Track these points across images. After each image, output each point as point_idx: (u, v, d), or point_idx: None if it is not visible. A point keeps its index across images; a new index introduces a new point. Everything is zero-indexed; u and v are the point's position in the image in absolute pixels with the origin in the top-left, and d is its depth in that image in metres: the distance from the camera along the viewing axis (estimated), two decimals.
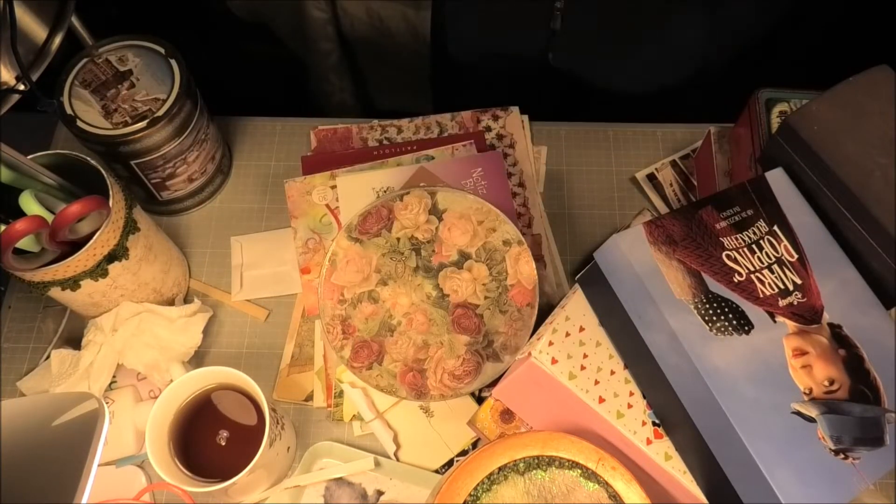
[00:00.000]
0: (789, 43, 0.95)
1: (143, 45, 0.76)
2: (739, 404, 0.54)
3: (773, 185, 0.63)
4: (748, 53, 0.92)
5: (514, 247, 0.73)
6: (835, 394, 0.55)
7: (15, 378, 0.76)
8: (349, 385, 0.73)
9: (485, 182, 0.80)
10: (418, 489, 0.70)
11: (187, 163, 0.78)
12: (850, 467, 0.54)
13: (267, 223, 0.84)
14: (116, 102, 0.73)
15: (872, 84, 0.64)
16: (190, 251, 0.83)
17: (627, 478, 0.56)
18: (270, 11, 0.94)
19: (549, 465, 0.57)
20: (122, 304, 0.72)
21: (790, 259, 0.60)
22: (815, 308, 0.58)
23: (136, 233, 0.69)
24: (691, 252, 0.59)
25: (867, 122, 0.62)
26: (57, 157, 0.66)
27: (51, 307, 0.79)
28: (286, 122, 0.90)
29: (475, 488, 0.56)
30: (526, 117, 0.87)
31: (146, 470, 0.72)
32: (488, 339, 0.71)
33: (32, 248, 0.63)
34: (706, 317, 0.56)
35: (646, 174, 0.85)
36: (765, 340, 0.56)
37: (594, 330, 0.63)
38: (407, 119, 0.87)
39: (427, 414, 0.73)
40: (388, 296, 0.72)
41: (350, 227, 0.74)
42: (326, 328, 0.71)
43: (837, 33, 0.94)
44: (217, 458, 0.66)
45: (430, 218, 0.74)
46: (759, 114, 0.70)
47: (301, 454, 0.71)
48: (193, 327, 0.73)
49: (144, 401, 0.74)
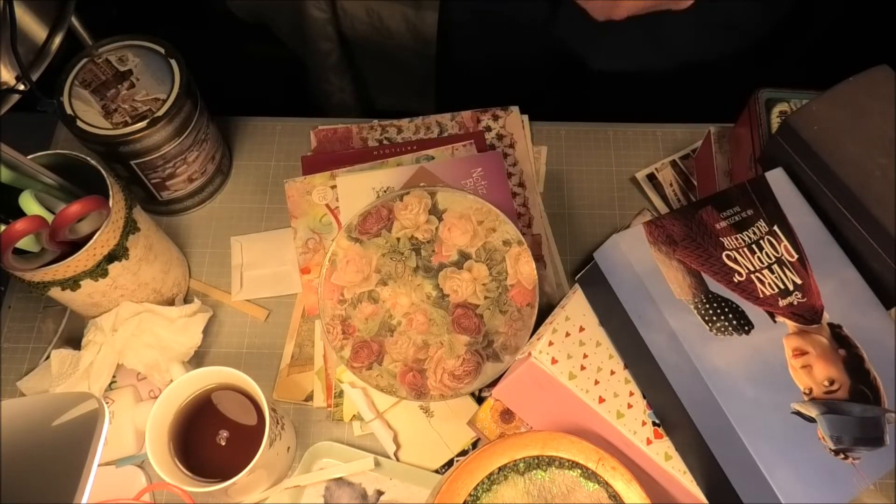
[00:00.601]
0: (789, 43, 0.95)
1: (143, 45, 0.76)
2: (739, 404, 0.54)
3: (773, 185, 0.63)
4: (743, 44, 0.91)
5: (514, 247, 0.73)
6: (835, 394, 0.55)
7: (15, 378, 0.76)
8: (349, 385, 0.73)
9: (485, 182, 0.80)
10: (418, 489, 0.70)
11: (187, 163, 0.78)
12: (850, 467, 0.54)
13: (267, 223, 0.84)
14: (116, 102, 0.73)
15: (872, 84, 0.64)
16: (190, 251, 0.83)
17: (627, 478, 0.56)
18: (270, 11, 0.94)
19: (549, 465, 0.57)
20: (122, 304, 0.72)
21: (790, 259, 0.60)
22: (816, 308, 0.58)
23: (136, 233, 0.69)
24: (691, 252, 0.59)
25: (867, 122, 0.62)
26: (57, 157, 0.66)
27: (51, 307, 0.79)
28: (286, 122, 0.90)
29: (475, 488, 0.56)
30: (526, 117, 0.87)
31: (146, 470, 0.72)
32: (488, 339, 0.71)
33: (32, 248, 0.63)
34: (706, 317, 0.56)
35: (646, 174, 0.85)
36: (765, 340, 0.56)
37: (594, 330, 0.63)
38: (407, 119, 0.87)
39: (427, 414, 0.73)
40: (388, 296, 0.72)
41: (350, 228, 0.74)
42: (326, 328, 0.71)
43: (837, 33, 0.94)
44: (217, 458, 0.66)
45: (430, 218, 0.74)
46: (759, 114, 0.70)
47: (301, 454, 0.71)
48: (193, 327, 0.73)
49: (144, 401, 0.74)
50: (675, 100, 0.94)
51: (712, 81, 0.93)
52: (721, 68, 0.93)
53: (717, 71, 0.93)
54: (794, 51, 0.95)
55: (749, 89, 0.72)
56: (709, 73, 0.93)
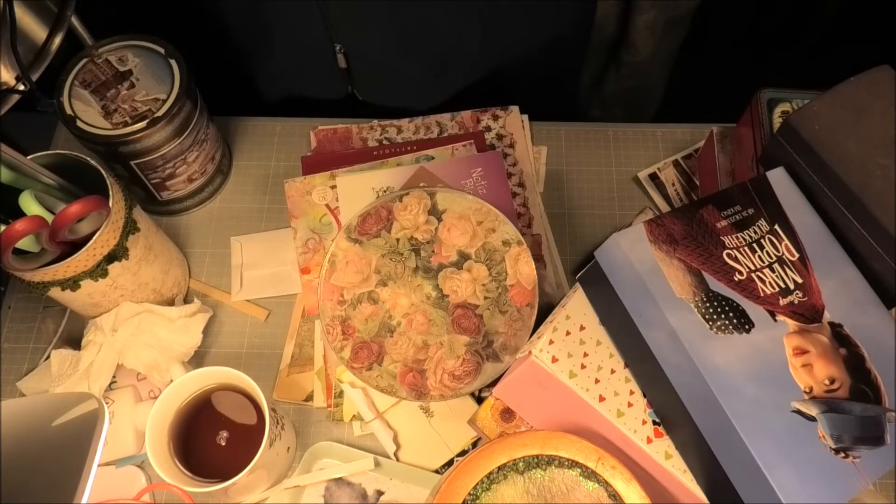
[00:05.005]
0: (790, 43, 0.95)
1: (142, 45, 0.76)
2: (740, 403, 0.53)
3: (775, 185, 0.63)
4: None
5: (513, 247, 0.73)
6: (835, 393, 0.55)
7: (15, 378, 0.76)
8: (349, 385, 0.73)
9: (485, 182, 0.80)
10: (418, 489, 0.70)
11: (187, 163, 0.78)
12: (850, 466, 0.54)
13: (267, 223, 0.84)
14: (116, 102, 0.73)
15: (873, 84, 0.64)
16: (190, 251, 0.83)
17: (627, 477, 0.56)
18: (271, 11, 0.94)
19: (548, 465, 0.57)
20: (122, 304, 0.72)
21: (791, 258, 0.60)
22: (816, 307, 0.58)
23: (136, 233, 0.69)
24: (692, 251, 0.59)
25: (868, 122, 0.62)
26: (57, 157, 0.66)
27: (51, 307, 0.79)
28: (286, 122, 0.90)
29: (474, 488, 0.56)
30: (526, 117, 0.87)
31: (146, 470, 0.71)
32: (488, 340, 0.71)
33: (32, 249, 0.63)
34: (707, 315, 0.56)
35: (648, 174, 0.85)
36: (765, 339, 0.56)
37: (595, 329, 0.63)
38: (407, 119, 0.87)
39: (427, 414, 0.73)
40: (387, 296, 0.72)
41: (349, 228, 0.74)
42: (326, 329, 0.71)
43: (837, 33, 0.95)
44: (217, 458, 0.66)
45: (429, 218, 0.74)
46: (760, 114, 0.70)
47: (301, 454, 0.71)
48: (193, 327, 0.73)
49: (144, 401, 0.74)
50: (676, 100, 0.94)
51: (712, 81, 0.93)
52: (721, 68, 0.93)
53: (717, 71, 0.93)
54: (795, 51, 0.96)
55: (751, 89, 0.72)
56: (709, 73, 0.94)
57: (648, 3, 1.04)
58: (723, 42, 1.26)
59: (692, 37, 1.14)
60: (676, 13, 1.07)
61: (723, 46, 1.26)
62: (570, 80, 1.06)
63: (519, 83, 0.94)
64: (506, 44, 0.89)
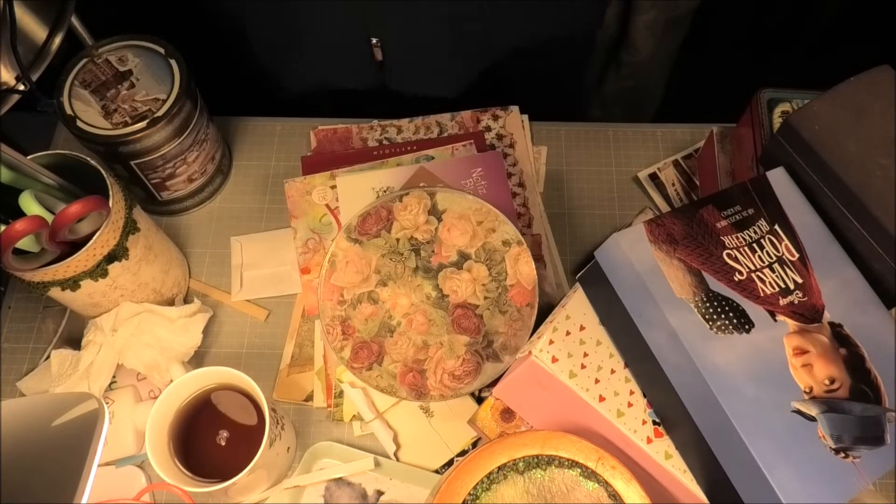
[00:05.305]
0: (790, 43, 0.95)
1: (142, 45, 0.76)
2: (740, 403, 0.53)
3: (775, 185, 0.63)
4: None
5: (513, 247, 0.73)
6: (835, 393, 0.55)
7: (15, 378, 0.76)
8: (349, 385, 0.73)
9: (484, 182, 0.80)
10: (418, 489, 0.70)
11: (187, 163, 0.78)
12: (850, 466, 0.54)
13: (267, 223, 0.84)
14: (116, 102, 0.73)
15: (873, 84, 0.64)
16: (190, 251, 0.83)
17: (627, 477, 0.56)
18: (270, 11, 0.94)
19: (548, 465, 0.57)
20: (122, 304, 0.72)
21: (791, 258, 0.60)
22: (816, 307, 0.58)
23: (136, 233, 0.69)
24: (692, 251, 0.59)
25: (868, 122, 0.62)
26: (57, 157, 0.66)
27: (51, 307, 0.79)
28: (286, 122, 0.90)
29: (474, 488, 0.56)
30: (526, 117, 0.87)
31: (146, 470, 0.71)
32: (488, 340, 0.71)
33: (32, 249, 0.63)
34: (707, 315, 0.56)
35: (648, 174, 0.85)
36: (765, 339, 0.56)
37: (595, 329, 0.63)
38: (407, 119, 0.87)
39: (427, 414, 0.73)
40: (387, 296, 0.72)
41: (349, 228, 0.74)
42: (326, 329, 0.71)
43: (837, 33, 0.95)
44: (217, 458, 0.66)
45: (429, 218, 0.74)
46: (760, 114, 0.70)
47: (301, 454, 0.71)
48: (193, 327, 0.73)
49: (144, 401, 0.74)
50: (676, 100, 0.94)
51: (712, 81, 0.93)
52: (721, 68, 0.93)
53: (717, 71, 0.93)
54: (795, 51, 0.96)
55: (751, 89, 0.72)
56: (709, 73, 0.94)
57: (648, 3, 1.04)
58: (723, 42, 1.26)
59: (692, 37, 1.14)
60: (676, 13, 1.07)
61: (723, 46, 1.26)
62: (573, 79, 1.06)
63: (520, 82, 0.94)
64: (510, 41, 0.89)
